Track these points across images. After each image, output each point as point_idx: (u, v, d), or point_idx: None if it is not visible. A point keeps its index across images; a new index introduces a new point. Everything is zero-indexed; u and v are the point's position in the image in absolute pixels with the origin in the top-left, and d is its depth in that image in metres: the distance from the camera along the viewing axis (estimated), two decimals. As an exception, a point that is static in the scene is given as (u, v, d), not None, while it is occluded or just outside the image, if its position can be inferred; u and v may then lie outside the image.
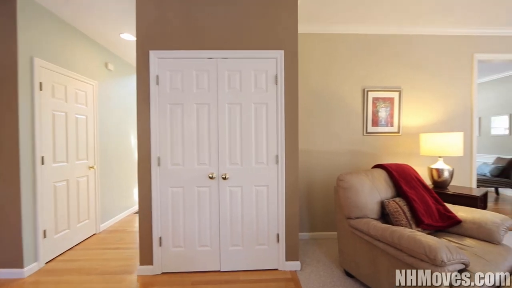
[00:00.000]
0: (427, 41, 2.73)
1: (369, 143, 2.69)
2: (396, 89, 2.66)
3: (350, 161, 2.67)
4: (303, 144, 2.64)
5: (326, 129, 2.66)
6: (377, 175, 1.98)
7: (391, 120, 2.67)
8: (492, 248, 1.55)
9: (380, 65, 2.69)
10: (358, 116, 2.67)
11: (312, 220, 2.69)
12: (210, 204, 1.99)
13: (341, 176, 1.86)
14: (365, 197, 1.77)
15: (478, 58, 2.75)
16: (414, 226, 1.73)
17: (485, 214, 1.75)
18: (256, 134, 1.99)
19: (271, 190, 2.01)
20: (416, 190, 1.93)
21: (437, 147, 2.26)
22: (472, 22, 2.60)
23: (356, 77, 2.67)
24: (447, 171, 2.27)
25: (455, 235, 1.75)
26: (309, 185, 2.67)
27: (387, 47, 2.70)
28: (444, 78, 2.75)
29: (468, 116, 2.78)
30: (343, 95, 2.66)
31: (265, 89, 1.99)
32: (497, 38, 2.78)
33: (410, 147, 2.70)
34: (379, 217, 1.82)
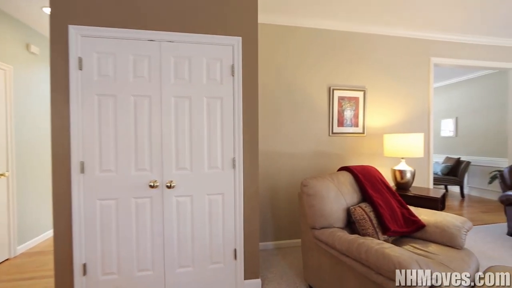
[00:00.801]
0: (389, 42, 2.72)
1: (335, 144, 2.57)
2: (360, 89, 2.60)
3: (316, 163, 2.52)
4: (267, 145, 2.41)
5: (292, 129, 2.47)
6: (342, 179, 1.83)
7: (356, 120, 2.59)
8: (456, 254, 1.49)
9: (345, 63, 2.60)
10: (324, 116, 2.54)
11: (277, 228, 2.47)
12: (152, 219, 1.63)
13: (305, 181, 1.66)
14: (330, 204, 1.59)
15: (434, 62, 2.84)
16: (381, 234, 1.60)
17: (446, 217, 1.70)
18: (209, 134, 1.69)
19: (227, 199, 1.72)
20: (381, 194, 1.82)
21: (400, 148, 2.22)
22: (429, 27, 2.66)
23: (322, 74, 2.54)
24: (409, 172, 2.24)
25: (419, 241, 1.67)
26: (273, 190, 2.45)
27: (352, 45, 2.62)
28: (405, 80, 2.77)
29: (426, 118, 2.85)
30: (309, 93, 2.50)
31: (220, 81, 1.70)
32: (452, 44, 2.90)
33: (374, 148, 2.66)
34: (345, 225, 1.67)
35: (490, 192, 4.30)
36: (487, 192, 4.37)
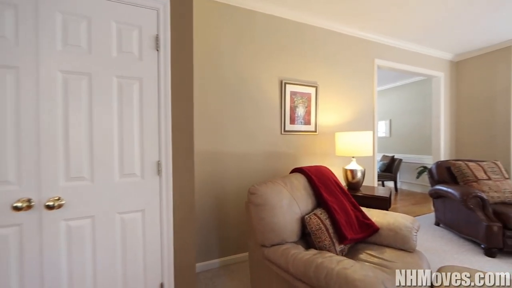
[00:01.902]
0: (340, 38, 2.68)
1: (287, 143, 2.36)
2: (313, 84, 2.46)
3: (268, 165, 2.26)
4: (211, 145, 2.03)
5: (242, 126, 2.15)
6: (296, 182, 1.59)
7: (309, 117, 2.44)
8: (410, 258, 1.40)
9: (298, 56, 2.42)
10: (276, 112, 2.30)
11: (224, 242, 2.10)
12: (22, 260, 1.05)
13: (253, 189, 1.34)
14: (283, 215, 1.31)
15: (377, 63, 2.93)
16: (337, 244, 1.40)
17: (397, 217, 1.64)
18: (121, 128, 1.21)
19: (149, 217, 1.27)
20: (336, 197, 1.65)
21: (351, 147, 2.14)
22: (374, 28, 2.72)
23: (274, 66, 2.29)
24: (360, 171, 2.18)
25: (374, 246, 1.55)
26: (220, 197, 2.07)
27: (305, 37, 2.47)
28: (353, 79, 2.78)
29: (371, 118, 2.92)
30: (260, 85, 2.22)
31: (138, 55, 1.24)
32: (391, 48, 3.06)
33: (326, 147, 2.56)
34: (300, 237, 1.42)
35: (417, 185, 4.88)
36: (415, 186, 4.95)
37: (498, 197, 2.47)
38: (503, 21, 2.63)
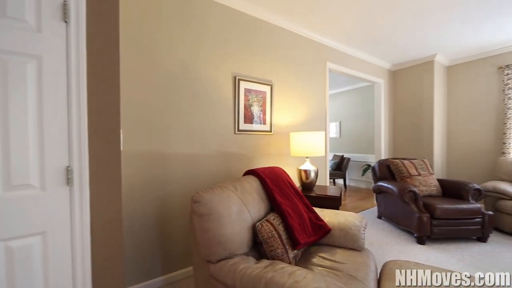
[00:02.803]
0: (295, 39, 2.68)
1: (241, 143, 2.23)
2: (268, 83, 2.38)
3: (220, 167, 2.08)
4: (153, 145, 1.75)
5: (189, 124, 1.92)
6: (248, 186, 1.46)
7: (264, 117, 2.36)
8: (359, 258, 1.41)
9: (253, 52, 2.31)
10: (229, 110, 2.14)
11: (170, 256, 1.84)
12: None
13: (197, 196, 1.16)
14: (232, 225, 1.16)
15: (329, 66, 3.04)
16: (290, 250, 1.32)
17: (348, 217, 1.66)
18: (5, 123, 0.88)
19: (54, 241, 0.96)
20: (290, 200, 1.58)
21: (305, 147, 2.14)
22: (326, 33, 2.81)
23: (228, 61, 2.13)
24: (313, 171, 2.19)
25: (326, 248, 1.53)
26: (163, 206, 1.81)
27: (261, 34, 2.38)
28: (307, 80, 2.81)
29: (323, 119, 3.02)
30: (211, 81, 2.03)
31: (35, 26, 0.92)
32: (341, 53, 3.22)
33: (281, 147, 2.52)
34: (251, 247, 1.29)
35: (363, 182, 5.35)
36: (361, 182, 5.42)
37: (426, 191, 2.81)
38: (428, 39, 3.02)
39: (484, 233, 2.46)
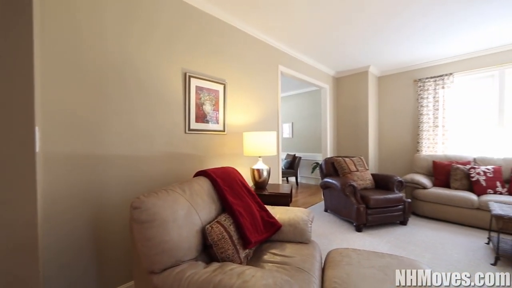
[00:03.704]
0: (249, 40, 2.71)
1: (193, 143, 2.12)
2: (221, 81, 2.34)
3: (168, 169, 1.94)
4: (85, 146, 1.51)
5: (130, 122, 1.72)
6: (198, 187, 1.40)
7: (217, 116, 2.30)
8: (306, 250, 1.50)
9: (206, 50, 2.23)
10: (178, 108, 2.01)
11: (107, 272, 1.62)
12: None
13: (137, 202, 1.04)
14: (178, 230, 1.09)
15: (280, 69, 3.18)
16: (242, 250, 1.32)
17: (297, 212, 1.75)
18: None
19: None
20: (242, 199, 1.58)
21: (258, 147, 2.17)
22: (277, 37, 2.92)
23: (178, 55, 2.00)
24: (266, 170, 2.25)
25: (277, 244, 1.58)
26: (98, 217, 1.57)
27: (216, 32, 2.32)
28: (260, 81, 2.87)
29: (276, 119, 3.13)
30: (157, 76, 1.87)
31: None
32: (293, 58, 3.40)
33: (235, 147, 2.50)
34: (201, 252, 1.23)
35: (313, 179, 5.77)
36: (311, 179, 5.83)
37: (363, 184, 3.20)
38: (364, 53, 3.45)
39: (405, 217, 2.94)
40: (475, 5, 2.28)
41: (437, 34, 2.92)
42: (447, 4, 2.26)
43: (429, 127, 3.94)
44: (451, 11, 2.40)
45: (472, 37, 3.03)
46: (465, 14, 2.44)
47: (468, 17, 2.51)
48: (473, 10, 2.37)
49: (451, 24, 2.66)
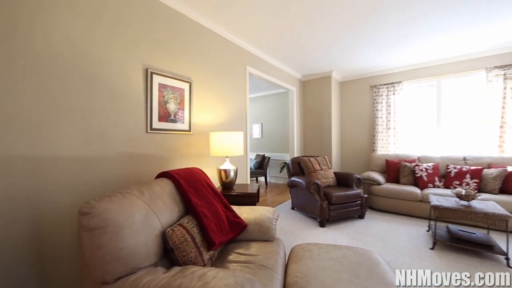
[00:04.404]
0: (217, 40, 2.67)
1: (155, 143, 2.02)
2: (187, 80, 2.27)
3: (127, 171, 1.81)
4: (29, 147, 1.33)
5: (83, 120, 1.57)
6: (159, 189, 1.33)
7: (182, 115, 2.22)
8: (271, 248, 1.54)
9: (171, 47, 2.14)
10: (138, 106, 1.89)
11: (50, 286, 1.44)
12: None
13: (86, 207, 0.95)
14: (135, 235, 1.02)
15: (249, 70, 3.21)
16: (206, 252, 1.30)
17: (262, 211, 1.78)
18: None
19: None
20: (207, 200, 1.55)
21: (225, 147, 2.16)
22: (247, 38, 2.94)
23: (138, 50, 1.88)
24: (233, 171, 2.24)
25: (243, 243, 1.59)
26: (43, 223, 1.39)
27: (184, 29, 2.24)
28: (227, 81, 2.86)
29: (244, 120, 3.15)
30: (115, 70, 1.73)
31: None
32: (261, 60, 3.45)
33: (201, 147, 2.45)
34: (161, 257, 1.18)
35: (281, 178, 5.93)
36: (279, 179, 5.99)
37: (326, 182, 3.39)
38: (327, 59, 3.67)
39: (362, 211, 3.20)
40: (417, 21, 2.60)
41: (388, 46, 3.25)
42: (393, 20, 2.53)
43: (383, 129, 4.36)
44: (399, 26, 2.69)
45: (417, 51, 3.44)
46: (411, 28, 2.77)
47: (410, 31, 2.84)
48: (415, 26, 2.69)
49: (401, 36, 2.98)
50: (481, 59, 3.50)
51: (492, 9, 2.36)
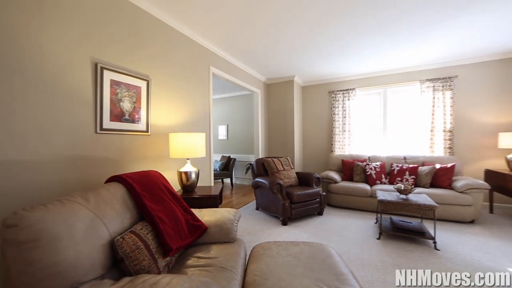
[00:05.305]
0: (179, 38, 2.58)
1: (107, 144, 1.85)
2: (144, 77, 2.13)
3: (73, 175, 1.62)
4: None
5: (17, 118, 1.35)
6: (108, 195, 1.23)
7: (138, 115, 2.09)
8: (231, 249, 1.54)
9: (127, 42, 1.99)
10: (86, 104, 1.71)
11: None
12: None
13: (13, 219, 0.83)
14: (76, 247, 0.92)
15: (212, 71, 3.17)
16: (161, 259, 1.24)
17: (224, 213, 1.78)
18: None
19: None
20: (164, 205, 1.48)
21: (186, 148, 2.09)
22: (210, 39, 2.90)
23: (88, 42, 1.70)
24: (194, 173, 2.18)
25: (203, 246, 1.56)
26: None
27: (143, 25, 2.11)
28: (190, 81, 2.78)
29: (207, 121, 3.09)
30: (56, 63, 1.54)
31: None
32: (226, 61, 3.44)
33: (160, 149, 2.32)
34: (110, 268, 1.08)
35: (247, 179, 5.97)
36: (245, 180, 6.02)
37: (288, 182, 3.53)
38: (289, 64, 3.85)
39: (321, 208, 3.42)
40: (367, 37, 2.90)
41: (344, 57, 3.55)
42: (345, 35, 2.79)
43: (339, 132, 4.73)
44: (352, 40, 2.96)
45: (367, 62, 3.84)
46: (362, 42, 3.07)
47: (362, 44, 3.16)
48: (366, 41, 3.00)
49: (355, 47, 3.29)
50: (416, 72, 4.07)
51: (422, 32, 2.78)
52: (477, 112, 3.71)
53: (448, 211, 3.04)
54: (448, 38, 2.97)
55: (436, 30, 2.75)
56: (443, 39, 3.00)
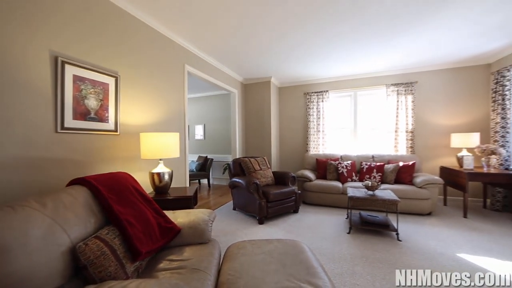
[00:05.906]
0: (152, 35, 2.49)
1: (69, 144, 1.72)
2: (112, 74, 2.02)
3: (31, 179, 1.48)
4: None
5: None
6: (69, 199, 1.14)
7: (106, 113, 1.97)
8: (205, 250, 1.53)
9: (92, 35, 1.86)
10: (44, 101, 1.57)
11: None
12: None
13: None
14: (31, 257, 0.85)
15: (187, 69, 3.10)
16: (130, 264, 1.18)
17: (198, 214, 1.75)
18: None
19: None
20: (134, 208, 1.42)
21: (158, 149, 2.02)
22: (186, 36, 2.83)
23: (46, 33, 1.56)
24: (167, 174, 2.12)
25: (176, 249, 1.53)
26: None
27: (113, 20, 1.98)
28: (163, 79, 2.69)
29: (182, 120, 3.02)
30: (14, 55, 1.39)
31: None
32: (201, 60, 3.38)
33: (131, 150, 2.21)
34: (71, 277, 1.01)
35: (224, 180, 5.92)
36: (223, 180, 5.97)
37: (265, 181, 3.58)
38: (266, 65, 3.90)
39: (297, 206, 3.52)
40: (337, 42, 3.05)
41: (317, 60, 3.70)
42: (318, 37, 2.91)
43: (314, 132, 4.91)
44: (325, 44, 3.10)
45: (339, 66, 4.04)
46: (335, 46, 3.22)
47: (334, 48, 3.32)
48: (338, 44, 3.16)
49: (327, 52, 3.44)
50: (382, 77, 4.38)
51: (383, 41, 3.01)
52: (433, 115, 4.11)
53: (409, 205, 3.32)
54: (409, 46, 3.24)
55: (397, 38, 2.99)
56: (404, 47, 3.27)
